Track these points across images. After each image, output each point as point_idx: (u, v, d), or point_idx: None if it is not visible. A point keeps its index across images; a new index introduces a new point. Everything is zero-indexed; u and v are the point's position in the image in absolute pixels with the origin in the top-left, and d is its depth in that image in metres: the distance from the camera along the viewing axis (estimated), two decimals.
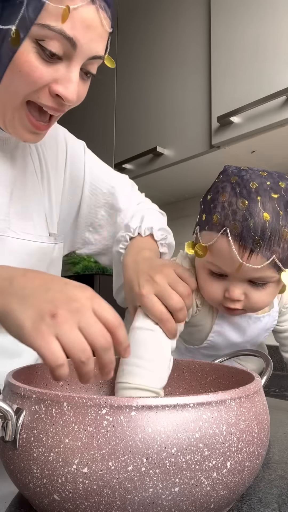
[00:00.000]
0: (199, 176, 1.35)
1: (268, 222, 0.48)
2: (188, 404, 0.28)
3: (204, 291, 0.57)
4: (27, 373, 0.43)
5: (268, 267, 0.50)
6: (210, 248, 0.52)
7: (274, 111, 0.95)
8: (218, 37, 1.11)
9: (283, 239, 0.49)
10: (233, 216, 0.49)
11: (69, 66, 0.49)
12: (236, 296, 0.53)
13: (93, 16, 0.47)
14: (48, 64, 0.47)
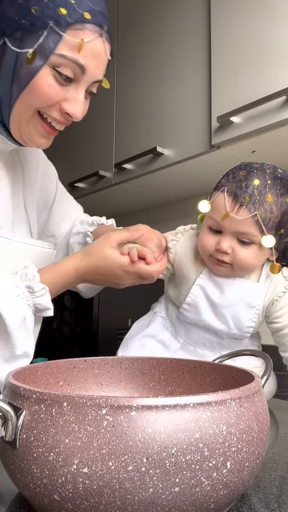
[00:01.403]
0: (199, 176, 1.35)
1: (257, 185, 0.62)
2: (188, 404, 0.28)
3: (200, 243, 0.69)
4: (27, 373, 0.43)
5: (251, 223, 0.62)
6: (212, 204, 0.67)
7: (274, 111, 0.95)
8: (218, 37, 1.11)
9: (266, 201, 0.62)
10: (233, 180, 0.65)
11: (77, 88, 0.58)
12: (224, 247, 0.65)
13: (100, 47, 0.56)
14: (61, 85, 0.56)
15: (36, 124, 0.59)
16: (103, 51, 0.57)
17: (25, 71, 0.53)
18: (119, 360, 0.51)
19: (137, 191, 1.54)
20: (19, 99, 0.55)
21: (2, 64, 0.54)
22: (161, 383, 0.51)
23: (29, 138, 0.60)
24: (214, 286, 0.71)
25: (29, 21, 0.51)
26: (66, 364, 0.48)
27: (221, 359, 0.55)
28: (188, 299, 0.72)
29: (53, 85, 0.55)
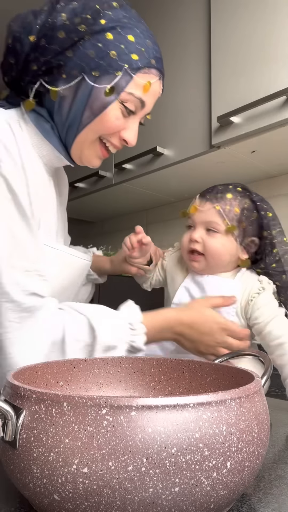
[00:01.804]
0: (199, 176, 1.35)
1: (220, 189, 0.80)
2: (188, 404, 0.28)
3: (181, 241, 0.82)
4: (27, 373, 0.43)
5: (214, 213, 0.76)
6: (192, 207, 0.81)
7: (274, 111, 0.95)
8: (218, 37, 1.11)
9: (226, 198, 0.78)
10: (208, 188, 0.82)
11: (135, 119, 0.68)
12: (195, 237, 0.77)
13: (158, 88, 0.69)
14: (124, 117, 0.66)
15: (96, 147, 0.69)
16: (159, 91, 0.70)
17: (98, 104, 0.63)
18: (119, 360, 0.52)
19: (137, 191, 1.54)
20: (88, 126, 0.64)
21: (77, 96, 0.63)
22: (161, 383, 0.51)
23: (87, 159, 0.70)
24: (196, 286, 0.81)
25: (107, 63, 0.60)
26: (66, 364, 0.48)
27: (221, 359, 0.55)
28: (175, 299, 0.82)
29: (119, 117, 0.65)
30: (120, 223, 1.95)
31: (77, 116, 0.63)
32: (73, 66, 0.60)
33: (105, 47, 0.59)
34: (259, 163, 1.22)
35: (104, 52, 0.59)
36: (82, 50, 0.59)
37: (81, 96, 0.62)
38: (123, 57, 0.60)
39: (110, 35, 0.60)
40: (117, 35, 0.60)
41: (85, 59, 0.60)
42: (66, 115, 0.64)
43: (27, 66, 0.62)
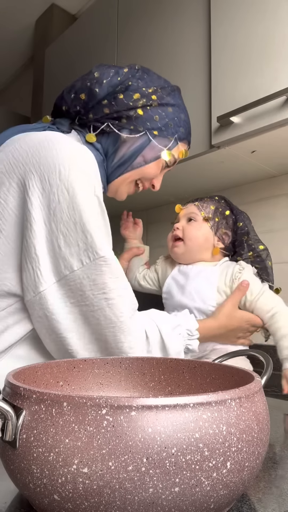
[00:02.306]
0: (199, 176, 1.35)
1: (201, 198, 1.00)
2: (188, 404, 0.28)
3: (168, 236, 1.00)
4: (27, 373, 0.43)
5: (193, 207, 0.96)
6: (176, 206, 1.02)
7: (274, 111, 0.95)
8: (218, 37, 1.11)
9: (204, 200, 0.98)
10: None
11: (164, 171, 0.86)
12: (177, 225, 0.96)
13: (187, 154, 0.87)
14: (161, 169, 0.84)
15: (131, 186, 0.84)
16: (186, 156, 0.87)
17: (151, 155, 0.79)
18: (119, 360, 0.52)
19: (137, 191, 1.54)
20: (135, 170, 0.80)
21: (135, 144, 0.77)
22: (161, 383, 0.51)
23: (121, 194, 0.84)
24: (182, 275, 0.96)
25: (165, 128, 0.78)
26: (66, 364, 0.48)
27: (221, 359, 0.55)
28: (165, 288, 0.99)
29: (159, 169, 0.83)
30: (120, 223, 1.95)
31: (130, 160, 0.78)
32: (140, 122, 0.76)
33: (166, 116, 0.78)
34: (259, 163, 1.22)
35: (165, 121, 0.78)
36: (150, 113, 0.76)
37: (139, 146, 0.78)
38: (175, 128, 0.80)
39: (171, 110, 0.79)
40: (175, 111, 0.80)
41: (150, 120, 0.77)
42: (121, 156, 0.78)
43: (99, 108, 0.75)
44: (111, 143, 0.77)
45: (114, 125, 0.75)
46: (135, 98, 0.75)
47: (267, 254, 0.95)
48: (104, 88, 0.75)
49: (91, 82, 0.75)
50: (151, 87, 0.77)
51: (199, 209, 0.95)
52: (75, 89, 0.77)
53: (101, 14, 1.64)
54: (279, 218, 1.31)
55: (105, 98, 0.75)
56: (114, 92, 0.75)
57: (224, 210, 0.97)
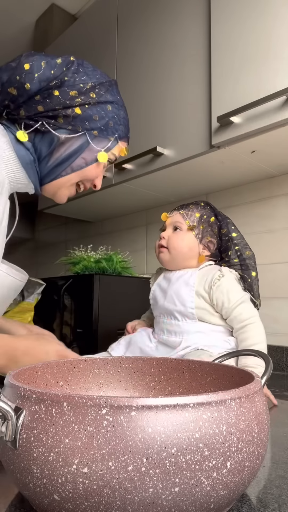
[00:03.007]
0: (199, 176, 1.35)
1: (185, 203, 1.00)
2: (188, 404, 0.28)
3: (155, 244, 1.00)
4: (27, 373, 0.43)
5: (178, 216, 0.96)
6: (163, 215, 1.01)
7: (274, 111, 0.95)
8: (218, 37, 1.11)
9: (189, 207, 0.98)
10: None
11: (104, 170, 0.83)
12: (162, 234, 0.97)
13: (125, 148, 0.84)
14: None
15: (72, 189, 0.80)
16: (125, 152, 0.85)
17: (91, 156, 0.76)
18: (119, 360, 0.52)
19: (137, 191, 1.54)
20: (76, 172, 0.77)
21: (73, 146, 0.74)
22: (161, 383, 0.51)
23: (61, 197, 0.81)
24: (165, 280, 0.98)
25: (105, 128, 0.75)
26: (66, 364, 0.48)
27: (221, 359, 0.55)
28: (150, 295, 1.01)
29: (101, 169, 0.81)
30: (120, 223, 1.95)
31: (67, 161, 0.75)
32: (78, 122, 0.72)
33: (105, 115, 0.75)
34: (259, 163, 1.22)
35: (104, 120, 0.75)
36: (88, 112, 0.73)
37: (78, 147, 0.74)
38: (115, 127, 0.77)
39: (110, 107, 0.76)
40: (114, 109, 0.76)
41: (89, 120, 0.73)
42: (57, 157, 0.74)
43: (31, 104, 0.70)
44: (46, 143, 0.73)
45: (49, 124, 0.71)
46: (72, 95, 0.71)
47: (253, 262, 0.94)
48: (36, 83, 0.69)
49: (20, 75, 0.69)
50: (88, 82, 0.73)
51: (184, 218, 0.95)
52: (2, 81, 0.70)
53: (101, 14, 1.64)
54: (279, 218, 1.31)
55: (38, 94, 0.70)
56: (48, 87, 0.70)
57: (209, 217, 0.97)
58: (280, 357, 1.23)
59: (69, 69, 0.72)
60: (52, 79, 0.70)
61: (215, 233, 0.96)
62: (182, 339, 0.90)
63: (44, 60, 0.71)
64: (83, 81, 0.72)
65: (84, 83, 0.72)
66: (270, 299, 1.29)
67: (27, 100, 0.70)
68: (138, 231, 1.85)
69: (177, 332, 0.91)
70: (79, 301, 1.37)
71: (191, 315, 0.90)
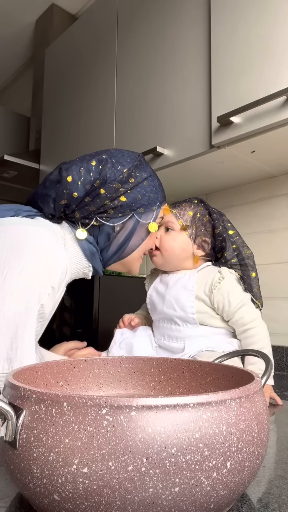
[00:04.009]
0: (199, 176, 1.35)
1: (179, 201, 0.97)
2: (188, 404, 0.28)
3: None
4: (27, 373, 0.43)
5: (171, 215, 0.93)
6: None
7: (274, 111, 0.95)
8: (218, 37, 1.11)
9: (182, 206, 0.95)
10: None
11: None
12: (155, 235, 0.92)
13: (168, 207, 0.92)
14: None
15: (140, 260, 0.89)
16: None
17: (144, 231, 0.85)
18: (119, 360, 0.52)
19: None
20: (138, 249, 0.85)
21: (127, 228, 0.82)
22: (161, 383, 0.51)
23: (134, 271, 0.90)
24: (162, 284, 0.95)
25: (148, 202, 0.82)
26: (66, 364, 0.48)
27: (221, 359, 0.55)
28: (147, 299, 0.97)
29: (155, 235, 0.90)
30: None
31: (126, 243, 0.83)
32: (126, 208, 0.80)
33: (145, 192, 0.82)
34: (259, 163, 1.22)
35: (146, 196, 0.82)
36: (132, 196, 0.80)
37: (131, 229, 0.82)
38: (155, 196, 0.84)
39: (146, 183, 0.83)
40: (149, 182, 0.83)
41: (134, 202, 0.80)
42: (116, 243, 0.82)
43: (83, 207, 0.78)
44: (104, 234, 0.81)
45: (102, 218, 0.79)
46: (115, 187, 0.78)
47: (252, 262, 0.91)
48: (81, 189, 0.77)
49: (66, 188, 0.77)
50: (124, 170, 0.80)
51: (176, 218, 0.93)
52: (52, 198, 0.78)
53: (101, 14, 1.64)
54: (279, 218, 1.31)
55: (87, 196, 0.78)
56: (93, 189, 0.78)
57: (203, 215, 0.94)
58: (280, 357, 1.23)
59: (105, 166, 0.79)
60: (94, 181, 0.78)
61: (209, 232, 0.93)
62: (184, 344, 0.87)
63: (81, 167, 0.79)
64: (120, 172, 0.80)
65: (122, 172, 0.80)
66: (270, 299, 1.29)
67: (79, 204, 0.78)
68: None
69: (178, 337, 0.89)
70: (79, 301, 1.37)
71: (192, 320, 0.87)
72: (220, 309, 0.86)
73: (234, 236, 0.93)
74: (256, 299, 0.88)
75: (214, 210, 0.96)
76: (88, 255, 0.81)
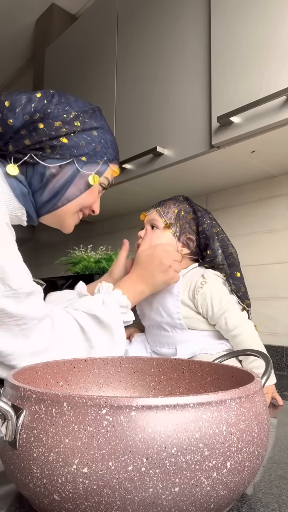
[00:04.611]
0: (199, 176, 1.35)
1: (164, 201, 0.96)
2: (188, 404, 0.28)
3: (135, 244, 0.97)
4: (27, 373, 0.43)
5: (155, 214, 0.93)
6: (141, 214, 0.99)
7: (274, 111, 0.95)
8: (218, 37, 1.11)
9: (167, 204, 0.94)
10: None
11: (100, 194, 0.85)
12: (139, 233, 0.96)
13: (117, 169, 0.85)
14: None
15: (76, 217, 0.83)
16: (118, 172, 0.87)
17: (83, 183, 0.78)
18: (119, 360, 0.52)
19: (137, 191, 1.54)
20: (73, 202, 0.79)
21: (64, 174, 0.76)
22: (161, 383, 0.51)
23: (69, 227, 0.84)
24: None
25: (93, 153, 0.77)
26: (66, 364, 0.48)
27: (221, 359, 0.55)
28: (136, 307, 0.95)
29: (97, 194, 0.83)
30: (120, 223, 1.95)
31: (61, 192, 0.77)
32: (66, 150, 0.74)
33: (92, 141, 0.77)
34: (259, 163, 1.22)
35: (91, 146, 0.76)
36: (75, 139, 0.74)
37: (69, 176, 0.76)
38: (103, 150, 0.78)
39: (96, 133, 0.77)
40: (100, 134, 0.78)
41: (76, 147, 0.75)
42: (50, 188, 0.76)
43: (18, 139, 0.72)
44: (37, 174, 0.75)
45: (37, 156, 0.73)
46: (57, 126, 0.73)
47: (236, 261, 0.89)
48: (19, 117, 0.72)
49: (2, 112, 0.72)
50: (72, 112, 0.75)
51: (160, 216, 0.92)
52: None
53: (101, 14, 1.64)
54: (279, 218, 1.31)
55: (23, 128, 0.72)
56: (32, 121, 0.72)
57: (187, 212, 0.92)
58: (280, 357, 1.23)
59: (51, 102, 0.74)
60: (35, 113, 0.72)
61: (194, 230, 0.91)
62: (175, 349, 0.87)
63: (23, 96, 0.73)
64: (66, 111, 0.74)
65: (68, 113, 0.74)
66: (270, 299, 1.29)
67: (13, 135, 0.72)
68: (138, 231, 1.85)
69: (169, 343, 0.89)
70: None
71: (180, 325, 0.86)
72: (204, 313, 0.85)
73: (219, 234, 0.91)
74: (242, 301, 0.85)
75: (199, 207, 0.95)
76: (19, 195, 0.74)
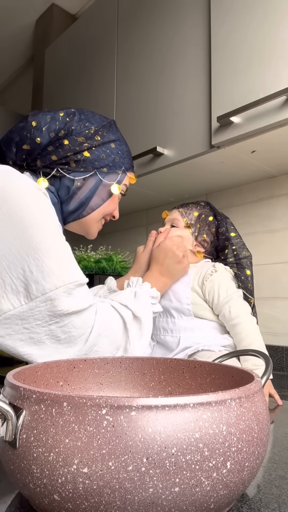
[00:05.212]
0: (199, 176, 1.35)
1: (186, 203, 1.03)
2: (188, 404, 0.28)
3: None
4: (27, 373, 0.43)
5: (177, 213, 1.00)
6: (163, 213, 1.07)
7: (274, 111, 0.95)
8: (218, 37, 1.11)
9: (189, 206, 1.01)
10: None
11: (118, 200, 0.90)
12: (160, 229, 1.00)
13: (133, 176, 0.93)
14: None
15: (99, 224, 0.89)
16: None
17: (105, 193, 0.85)
18: (119, 360, 0.52)
19: (137, 191, 1.54)
20: (97, 210, 0.85)
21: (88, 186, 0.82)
22: (161, 383, 0.51)
23: (93, 234, 0.90)
24: None
25: (112, 164, 0.83)
26: (66, 364, 0.48)
27: (221, 359, 0.55)
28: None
29: (117, 201, 0.90)
30: (120, 223, 1.95)
31: (86, 202, 0.83)
32: (89, 164, 0.81)
33: (111, 153, 0.84)
34: (259, 163, 1.22)
35: (111, 157, 0.83)
36: (96, 153, 0.81)
37: (92, 186, 0.83)
38: (121, 161, 0.85)
39: (113, 145, 0.84)
40: (117, 146, 0.85)
41: (98, 160, 0.81)
42: (76, 200, 0.82)
43: (45, 155, 0.78)
44: (65, 187, 0.81)
45: (63, 170, 0.80)
46: (80, 141, 0.80)
47: (249, 262, 0.95)
48: (46, 135, 0.78)
49: (30, 132, 0.78)
50: (91, 127, 0.82)
51: (182, 216, 0.99)
52: (15, 142, 0.79)
53: (101, 14, 1.64)
54: (279, 218, 1.31)
55: (50, 145, 0.78)
56: (58, 138, 0.78)
57: (207, 216, 0.99)
58: (280, 357, 1.23)
59: (73, 119, 0.81)
60: (59, 130, 0.79)
61: (212, 232, 0.98)
62: (179, 337, 0.89)
63: (48, 115, 0.80)
64: (87, 127, 0.81)
65: (88, 128, 0.81)
66: (270, 299, 1.29)
67: (41, 152, 0.78)
68: (138, 231, 1.85)
69: (173, 330, 0.92)
70: None
71: (187, 311, 0.90)
72: (210, 301, 0.89)
73: (235, 239, 0.97)
74: (247, 298, 0.90)
75: (220, 212, 1.01)
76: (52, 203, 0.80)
